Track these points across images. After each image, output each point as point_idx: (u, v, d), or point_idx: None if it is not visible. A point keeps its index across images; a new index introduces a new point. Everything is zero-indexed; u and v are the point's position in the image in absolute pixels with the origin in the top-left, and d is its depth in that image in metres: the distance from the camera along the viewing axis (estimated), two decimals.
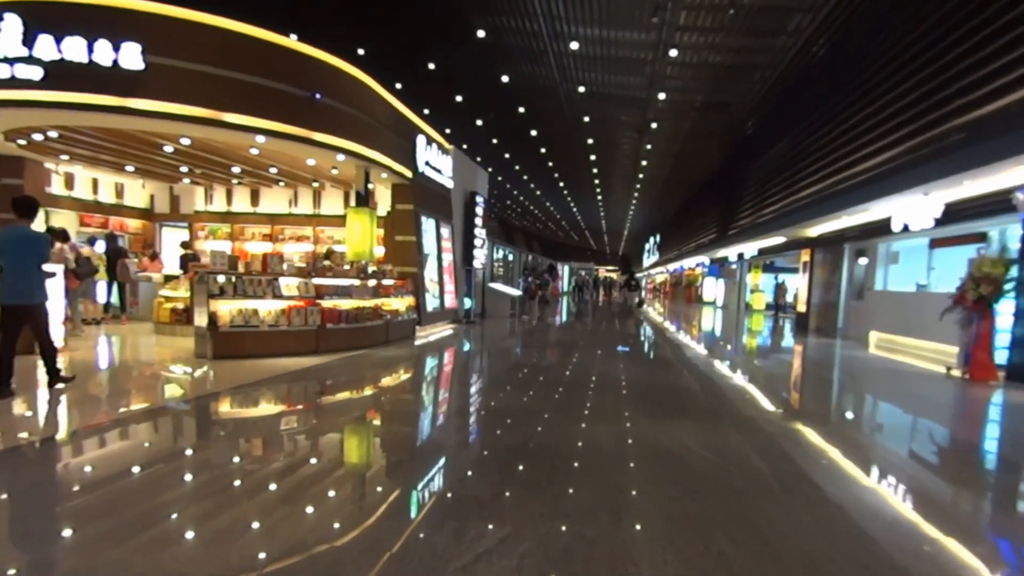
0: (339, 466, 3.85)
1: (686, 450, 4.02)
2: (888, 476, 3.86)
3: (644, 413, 5.33)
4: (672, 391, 6.61)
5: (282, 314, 7.86)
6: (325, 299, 8.37)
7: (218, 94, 7.50)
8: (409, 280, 10.70)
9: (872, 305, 12.33)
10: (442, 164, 12.54)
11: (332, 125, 8.48)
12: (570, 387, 6.42)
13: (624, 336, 13.42)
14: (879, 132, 9.54)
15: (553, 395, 5.94)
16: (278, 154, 9.45)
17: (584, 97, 19.55)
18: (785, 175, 14.02)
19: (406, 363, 8.11)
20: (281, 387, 6.10)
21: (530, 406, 5.36)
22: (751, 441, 4.44)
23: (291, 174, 11.51)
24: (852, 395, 7.46)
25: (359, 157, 9.06)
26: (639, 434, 4.46)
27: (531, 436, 4.28)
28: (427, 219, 11.70)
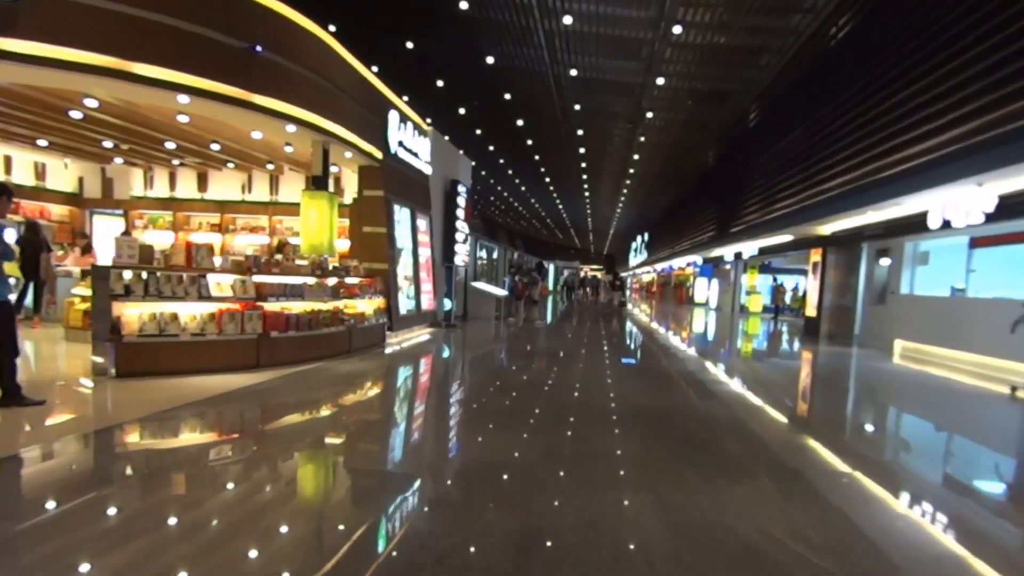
0: (268, 542, 2.33)
1: (731, 534, 2.58)
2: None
3: (670, 466, 3.87)
4: (696, 426, 5.17)
5: (210, 320, 6.25)
6: (269, 301, 6.79)
7: (125, 38, 5.87)
8: (378, 278, 9.13)
9: (897, 311, 11.09)
10: (419, 147, 10.99)
11: (279, 87, 6.89)
12: (574, 423, 4.94)
13: (623, 345, 12.01)
14: (923, 116, 8.23)
15: (552, 435, 4.45)
16: (215, 124, 7.81)
17: (576, 82, 18.12)
18: (801, 167, 12.72)
19: (368, 381, 6.56)
20: (195, 418, 4.52)
21: (524, 456, 3.87)
22: (813, 517, 3.00)
23: (239, 153, 9.86)
24: (919, 430, 6.03)
25: (315, 130, 7.48)
26: (670, 506, 3.00)
27: (531, 517, 2.80)
28: (400, 208, 10.14)
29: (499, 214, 52.61)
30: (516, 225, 59.46)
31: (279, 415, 4.99)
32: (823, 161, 11.55)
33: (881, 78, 9.42)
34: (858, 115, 10.17)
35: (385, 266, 9.45)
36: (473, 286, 15.35)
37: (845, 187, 10.65)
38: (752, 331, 16.36)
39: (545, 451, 3.90)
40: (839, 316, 13.51)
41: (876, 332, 11.83)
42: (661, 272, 42.59)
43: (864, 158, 9.84)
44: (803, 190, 12.54)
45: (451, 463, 3.60)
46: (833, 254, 13.80)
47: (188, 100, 6.38)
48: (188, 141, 8.98)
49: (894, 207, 9.57)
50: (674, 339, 13.27)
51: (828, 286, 13.91)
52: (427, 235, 11.69)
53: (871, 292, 12.27)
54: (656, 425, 4.86)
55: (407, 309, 10.28)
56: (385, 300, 9.35)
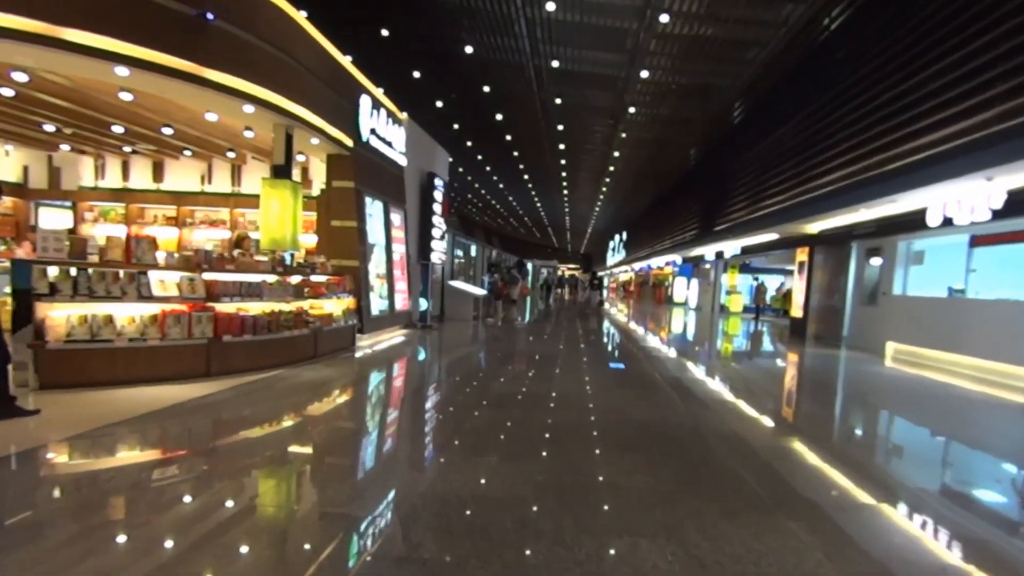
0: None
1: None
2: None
3: (685, 500, 3.33)
4: (700, 446, 4.65)
5: (152, 323, 5.51)
6: (222, 301, 6.06)
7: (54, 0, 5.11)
8: (348, 276, 8.43)
9: (889, 312, 10.82)
10: (393, 136, 10.29)
11: (235, 62, 6.15)
12: (566, 444, 4.37)
13: (608, 348, 11.52)
14: (926, 108, 7.88)
15: (542, 460, 3.87)
16: (164, 104, 7.01)
17: (557, 74, 17.58)
18: (792, 163, 12.37)
19: (333, 391, 5.88)
20: (129, 438, 3.82)
21: (513, 489, 3.27)
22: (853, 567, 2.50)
23: (197, 140, 9.04)
24: (958, 454, 5.56)
25: (277, 111, 6.75)
26: (699, 556, 2.45)
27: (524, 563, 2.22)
28: (373, 201, 9.45)
29: (477, 212, 51.93)
30: (494, 223, 58.85)
31: (227, 433, 4.32)
32: (815, 157, 11.22)
33: (879, 71, 9.07)
34: (853, 109, 9.82)
35: (356, 263, 8.75)
36: (450, 285, 14.70)
37: (838, 184, 10.32)
38: (737, 333, 16.06)
39: (536, 482, 3.31)
40: (827, 317, 13.24)
41: (866, 334, 11.56)
42: (639, 271, 42.45)
43: (859, 153, 9.49)
44: (793, 187, 12.21)
45: (427, 500, 2.99)
46: (820, 253, 13.54)
47: (128, 73, 5.60)
48: (137, 124, 8.13)
49: (889, 204, 9.25)
50: (659, 341, 12.84)
51: (815, 286, 13.64)
52: (401, 230, 11.01)
53: (860, 292, 12.01)
54: (657, 444, 4.32)
55: (380, 310, 9.60)
56: (355, 300, 8.65)
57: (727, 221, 16.78)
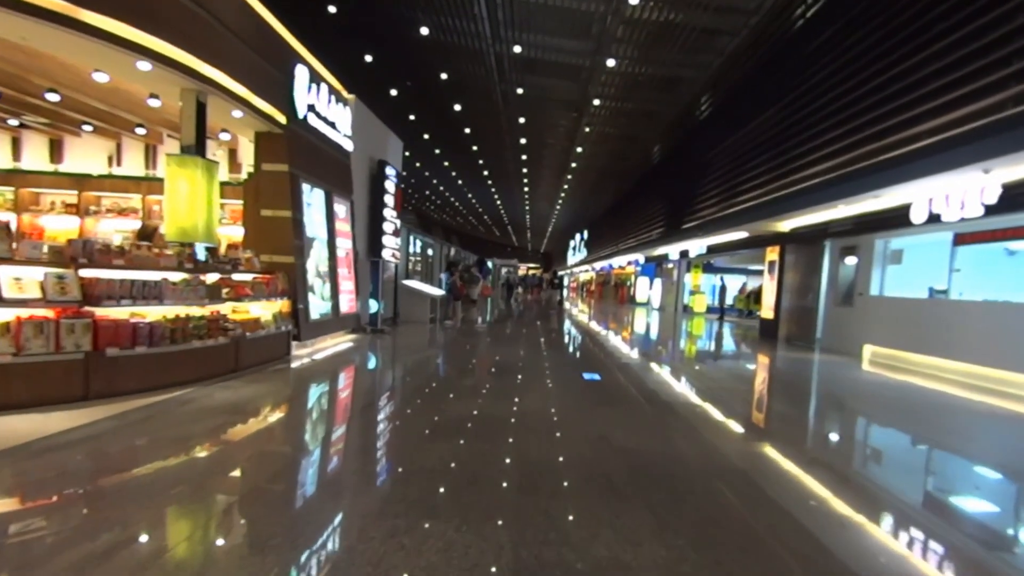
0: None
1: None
2: None
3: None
4: (698, 483, 3.77)
5: (3, 333, 4.22)
6: (106, 305, 4.80)
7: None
8: (280, 275, 7.22)
9: (866, 314, 10.35)
10: (336, 116, 9.08)
11: (123, 5, 4.88)
12: (546, 490, 3.39)
13: (578, 354, 10.66)
14: (915, 96, 7.31)
15: (517, 516, 2.88)
16: (42, 61, 5.65)
17: (519, 62, 16.64)
18: (766, 157, 11.80)
19: (248, 418, 4.69)
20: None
21: (474, 568, 2.27)
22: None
23: (95, 111, 7.61)
24: (996, 488, 4.88)
25: (183, 72, 5.50)
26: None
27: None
28: (312, 188, 8.23)
29: (435, 210, 50.57)
30: (453, 221, 57.60)
31: (96, 479, 3.13)
32: (791, 151, 10.66)
33: (864, 56, 8.49)
34: (834, 99, 9.25)
35: (290, 259, 7.53)
36: (405, 285, 13.53)
37: (817, 178, 9.76)
38: (706, 336, 15.50)
39: (507, 565, 2.31)
40: (799, 318, 12.78)
41: (841, 336, 11.09)
42: (600, 271, 42.09)
43: (841, 146, 8.92)
44: (768, 182, 11.64)
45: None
46: (792, 252, 13.08)
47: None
48: (12, 88, 6.67)
49: (872, 200, 8.71)
50: (629, 347, 12.07)
51: (787, 286, 13.18)
52: (347, 223, 9.80)
53: (835, 293, 11.55)
54: (660, 490, 3.38)
55: (321, 313, 8.39)
56: (290, 302, 7.44)
57: (696, 219, 16.22)
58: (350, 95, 9.91)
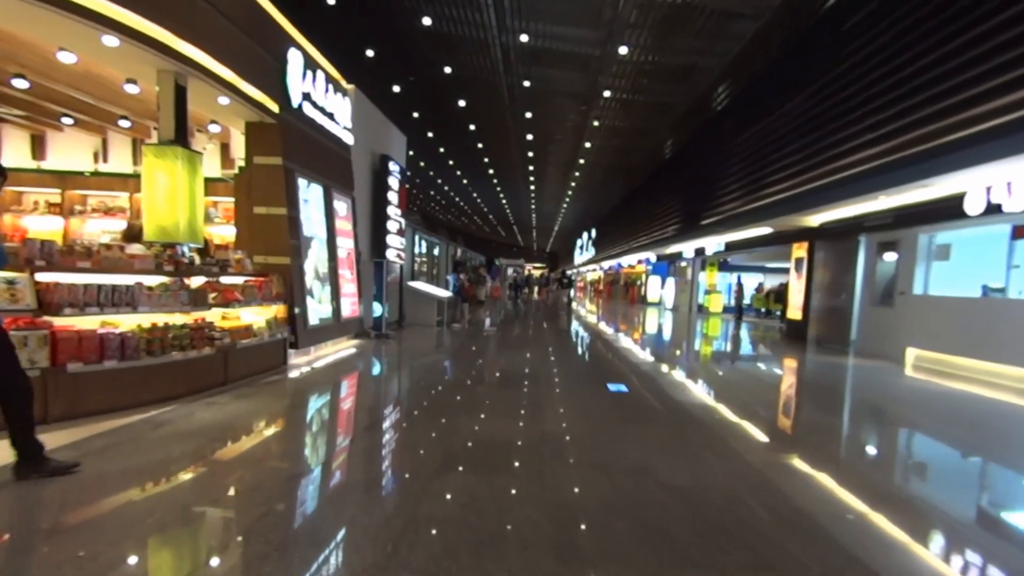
0: None
1: None
2: None
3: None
4: (809, 550, 3.10)
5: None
6: (66, 313, 4.16)
7: None
8: (275, 277, 6.58)
9: (909, 314, 9.60)
10: (335, 106, 8.44)
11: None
12: (585, 547, 2.73)
13: (597, 360, 9.99)
14: (981, 71, 6.54)
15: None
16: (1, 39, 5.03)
17: (526, 52, 15.96)
18: (797, 146, 11.00)
19: (227, 442, 4.03)
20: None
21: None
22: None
23: (72, 102, 6.99)
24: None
25: (157, 49, 4.85)
26: None
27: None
28: (309, 184, 7.59)
29: (440, 210, 50.01)
30: (458, 222, 57.05)
31: (54, 521, 2.47)
32: (826, 139, 9.87)
33: (913, 32, 7.66)
34: (876, 81, 8.45)
35: (286, 260, 6.89)
36: (410, 287, 12.90)
37: (853, 169, 9.00)
38: (728, 337, 14.78)
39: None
40: (830, 319, 12.04)
41: (879, 338, 10.34)
42: (609, 270, 41.36)
43: (885, 132, 8.14)
44: (796, 174, 10.89)
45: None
46: (822, 249, 12.33)
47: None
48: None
49: (920, 189, 7.98)
50: (650, 351, 11.39)
51: (816, 285, 12.44)
52: (349, 221, 9.16)
53: (871, 292, 10.80)
54: (727, 544, 2.71)
55: (320, 318, 7.75)
56: (286, 307, 6.80)
57: (715, 215, 15.46)
58: (349, 85, 9.27)
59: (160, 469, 3.37)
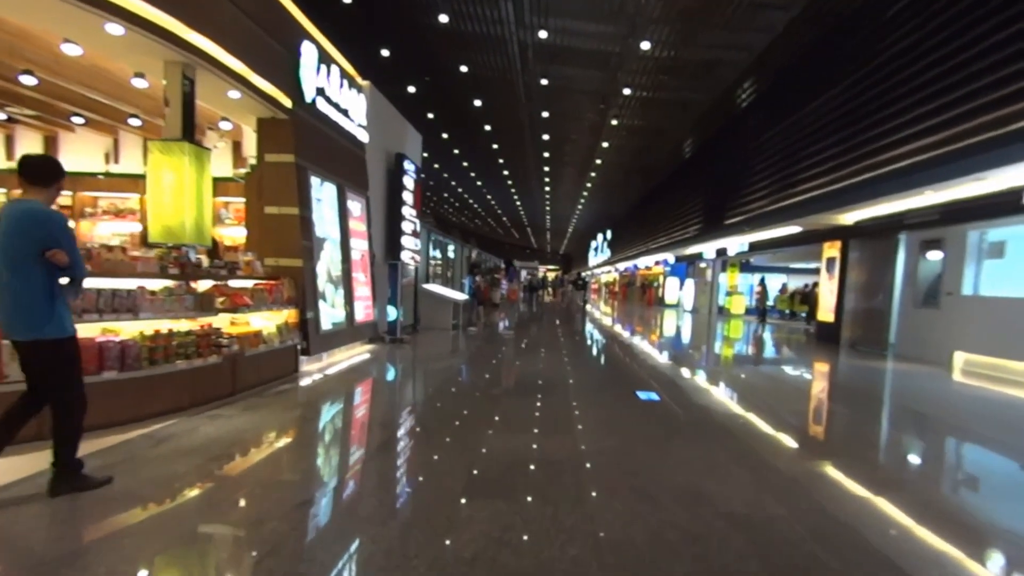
0: None
1: None
2: None
3: None
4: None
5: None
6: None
7: None
8: (286, 281, 6.29)
9: (957, 316, 9.04)
10: (349, 103, 8.15)
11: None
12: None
13: (621, 366, 9.59)
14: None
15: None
16: (5, 34, 4.79)
17: (544, 50, 15.63)
18: (834, 139, 10.48)
19: (234, 460, 3.71)
20: None
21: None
22: None
23: (83, 100, 6.78)
24: None
25: (164, 38, 4.57)
26: None
27: None
28: (322, 183, 7.29)
29: (453, 212, 49.85)
30: (471, 224, 56.85)
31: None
32: (862, 134, 9.40)
33: (968, 15, 7.15)
34: (923, 70, 7.97)
35: (298, 262, 6.58)
36: (425, 289, 12.58)
37: (897, 163, 8.51)
38: (755, 340, 14.25)
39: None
40: (866, 321, 11.48)
41: (922, 341, 9.79)
42: (624, 272, 40.80)
43: (933, 123, 7.66)
44: (831, 171, 10.38)
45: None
46: (857, 248, 11.78)
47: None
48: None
49: (972, 183, 7.46)
50: (674, 354, 10.95)
51: (850, 286, 11.88)
52: (363, 222, 8.85)
53: (913, 292, 10.25)
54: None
55: (333, 322, 7.44)
56: (297, 311, 6.50)
57: (740, 213, 14.94)
58: (364, 81, 8.98)
59: (155, 494, 3.04)
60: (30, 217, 2.81)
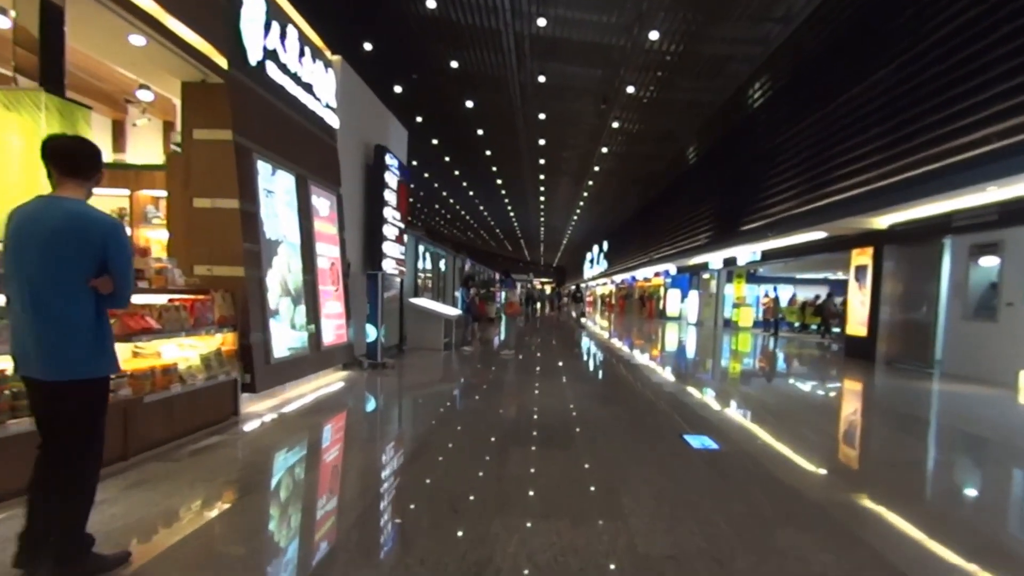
0: None
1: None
2: None
3: None
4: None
5: None
6: None
7: None
8: (219, 295, 4.73)
9: (1021, 330, 7.69)
10: (315, 78, 6.66)
11: None
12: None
13: (647, 391, 8.09)
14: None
15: None
16: None
17: (542, 46, 14.30)
18: (881, 129, 9.13)
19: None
20: None
21: None
22: None
23: None
24: None
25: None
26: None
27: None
28: (274, 171, 5.76)
29: (445, 224, 48.44)
30: (463, 236, 55.48)
31: None
32: (906, 127, 8.11)
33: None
34: (985, 50, 6.67)
35: (239, 271, 5.03)
36: (413, 304, 11.03)
37: (953, 157, 7.20)
38: (784, 358, 12.77)
39: None
40: (907, 336, 10.09)
41: (977, 358, 8.42)
42: (621, 283, 39.43)
43: (1001, 108, 6.32)
44: (876, 165, 9.03)
45: None
46: (893, 254, 10.41)
47: None
48: None
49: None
50: (707, 380, 9.46)
51: (886, 296, 10.49)
52: (333, 224, 7.31)
53: (964, 303, 8.88)
54: None
55: (290, 347, 5.85)
56: (236, 334, 4.93)
57: (762, 218, 13.53)
58: (335, 56, 7.50)
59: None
60: (82, 225, 2.11)
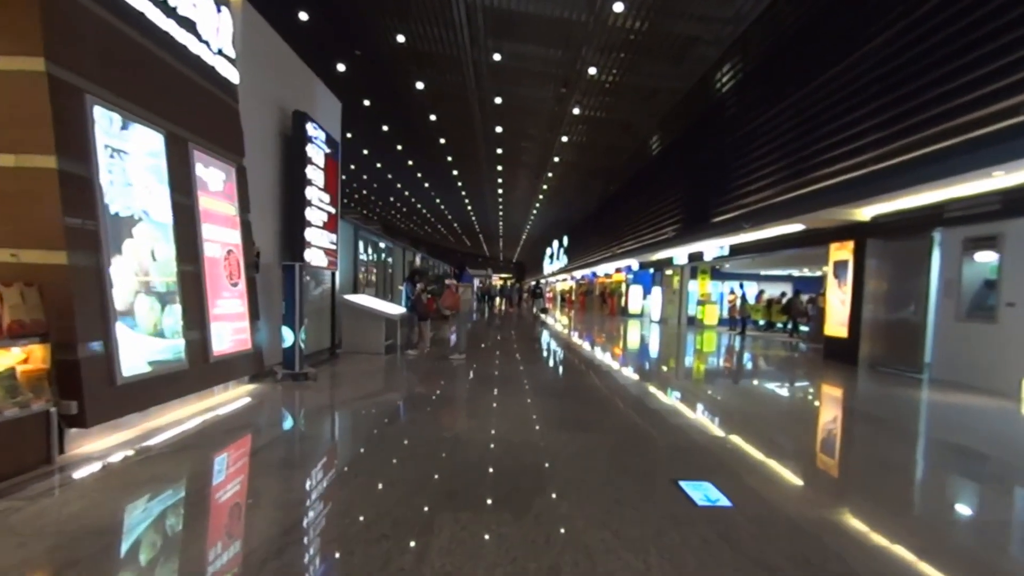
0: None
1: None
2: None
3: None
4: None
5: None
6: None
7: None
8: (14, 291, 3.27)
9: (1021, 331, 6.98)
10: (200, 15, 5.20)
11: None
12: None
13: (627, 409, 6.96)
14: None
15: None
16: None
17: (497, 18, 13.03)
18: (859, 114, 8.32)
19: None
20: None
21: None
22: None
23: None
24: None
25: None
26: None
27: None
28: (126, 124, 4.29)
29: (401, 218, 46.70)
30: (421, 231, 53.83)
31: None
32: (907, 101, 7.27)
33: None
34: (986, 18, 5.85)
35: (59, 256, 3.58)
36: (348, 302, 9.61)
37: (953, 138, 6.38)
38: (758, 359, 11.95)
39: None
40: (893, 338, 9.36)
41: (971, 362, 7.72)
42: (582, 279, 38.68)
43: (1010, 82, 5.50)
44: (865, 149, 8.18)
45: None
46: (876, 249, 9.67)
47: None
48: None
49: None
50: (688, 389, 8.45)
51: (869, 294, 9.74)
52: (231, 202, 5.84)
53: (957, 303, 8.16)
54: None
55: (152, 362, 4.40)
56: (48, 347, 3.48)
57: (736, 208, 12.66)
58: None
59: None
60: None
